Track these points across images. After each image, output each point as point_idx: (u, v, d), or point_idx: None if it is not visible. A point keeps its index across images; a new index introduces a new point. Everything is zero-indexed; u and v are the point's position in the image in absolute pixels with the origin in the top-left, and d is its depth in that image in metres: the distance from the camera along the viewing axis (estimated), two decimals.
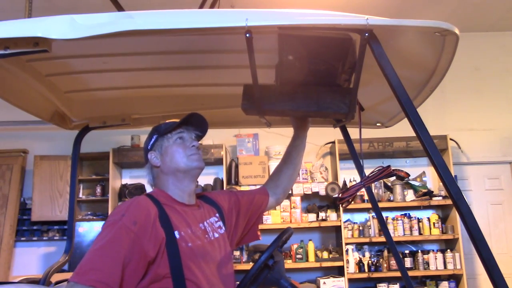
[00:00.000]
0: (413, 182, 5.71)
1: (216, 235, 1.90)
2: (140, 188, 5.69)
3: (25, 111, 2.29)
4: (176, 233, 1.71)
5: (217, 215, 2.00)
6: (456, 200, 1.41)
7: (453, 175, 1.90)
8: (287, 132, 6.10)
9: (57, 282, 2.37)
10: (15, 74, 1.98)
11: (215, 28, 1.55)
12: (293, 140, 2.31)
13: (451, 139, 5.71)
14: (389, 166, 1.87)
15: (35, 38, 1.49)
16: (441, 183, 5.60)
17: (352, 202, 5.55)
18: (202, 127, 2.00)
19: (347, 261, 5.34)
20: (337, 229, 5.61)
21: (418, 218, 5.60)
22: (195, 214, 1.88)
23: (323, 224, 5.47)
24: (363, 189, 2.09)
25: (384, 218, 4.95)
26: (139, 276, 1.60)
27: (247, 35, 1.53)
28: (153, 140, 1.92)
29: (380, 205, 5.30)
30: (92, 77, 2.24)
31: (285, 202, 5.50)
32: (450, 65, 1.74)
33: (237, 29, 1.52)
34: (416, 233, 5.50)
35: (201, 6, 4.05)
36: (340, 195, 1.99)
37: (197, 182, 2.03)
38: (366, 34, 1.54)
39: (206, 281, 1.73)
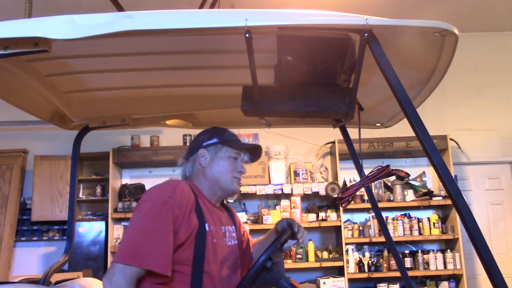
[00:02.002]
0: (413, 182, 5.71)
1: (231, 242, 1.96)
2: (140, 188, 5.69)
3: (25, 111, 2.29)
4: (206, 225, 1.78)
5: (233, 227, 2.05)
6: (455, 200, 1.41)
7: (453, 175, 1.90)
8: (287, 132, 6.11)
9: (57, 282, 2.37)
10: (15, 74, 1.98)
11: (215, 28, 1.55)
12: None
13: (451, 139, 5.70)
14: (388, 166, 1.87)
15: (35, 38, 1.49)
16: (441, 183, 5.59)
17: (352, 202, 5.56)
18: (254, 159, 2.07)
19: (347, 261, 5.34)
20: (337, 229, 5.61)
21: (418, 218, 5.59)
22: (220, 216, 1.95)
23: (323, 224, 5.47)
24: (364, 189, 2.09)
25: (384, 218, 4.95)
26: None
27: (247, 35, 1.53)
28: (212, 141, 1.95)
29: (380, 205, 5.30)
30: (92, 77, 2.25)
31: (285, 202, 5.50)
32: (449, 65, 1.75)
33: (237, 29, 1.52)
34: (416, 233, 5.50)
35: (201, 6, 4.05)
36: (339, 195, 1.99)
37: None
38: (366, 34, 1.54)
39: (219, 279, 1.79)
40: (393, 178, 5.73)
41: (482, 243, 1.36)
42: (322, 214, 5.51)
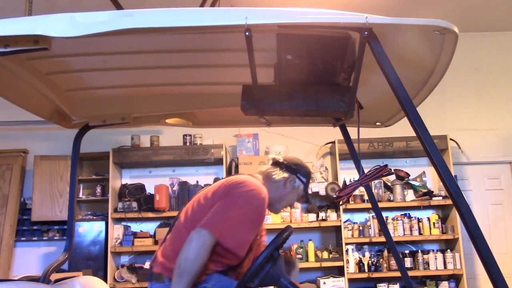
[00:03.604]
0: (413, 182, 5.71)
1: None
2: (140, 188, 5.68)
3: (25, 109, 2.29)
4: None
5: None
6: (455, 199, 1.41)
7: (453, 175, 1.91)
8: (287, 132, 6.10)
9: (57, 280, 2.37)
10: (15, 72, 1.98)
11: (215, 27, 1.55)
12: None
13: (451, 139, 5.70)
14: (386, 165, 1.88)
15: (35, 36, 1.49)
16: (441, 183, 5.59)
17: (352, 202, 5.53)
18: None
19: (347, 261, 5.33)
20: (337, 229, 5.61)
21: (418, 218, 5.58)
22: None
23: (323, 224, 5.47)
24: (364, 189, 2.10)
25: (384, 218, 4.95)
26: None
27: (247, 33, 1.53)
28: (302, 179, 2.31)
29: (380, 205, 5.29)
30: (92, 76, 2.25)
31: None
32: (449, 63, 1.75)
33: (237, 27, 1.52)
34: (416, 233, 5.49)
35: (202, 5, 4.06)
36: (337, 193, 2.01)
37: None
38: (366, 33, 1.55)
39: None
40: (393, 178, 5.72)
41: (481, 241, 1.36)
42: (322, 214, 5.51)
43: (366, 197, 5.49)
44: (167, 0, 3.64)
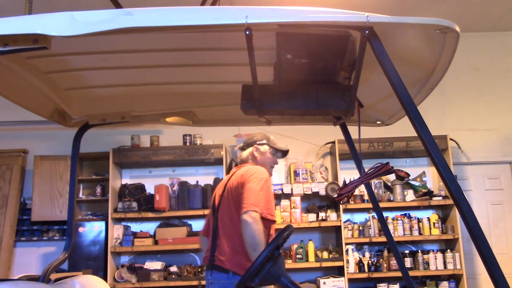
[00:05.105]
0: (413, 182, 5.70)
1: None
2: (140, 188, 5.68)
3: (25, 108, 2.29)
4: None
5: None
6: (456, 198, 1.41)
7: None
8: (287, 132, 6.10)
9: (57, 280, 2.37)
10: (15, 71, 1.98)
11: (215, 25, 1.55)
12: None
13: (451, 139, 5.69)
14: (387, 163, 1.87)
15: (34, 35, 1.49)
16: (441, 183, 5.59)
17: (352, 202, 5.51)
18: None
19: (347, 261, 5.33)
20: (337, 229, 5.60)
21: (418, 218, 5.58)
22: None
23: (323, 224, 5.46)
24: (364, 189, 2.10)
25: (384, 218, 4.94)
26: None
27: (247, 32, 1.53)
28: (261, 142, 3.15)
29: (380, 205, 5.26)
30: (92, 74, 2.24)
31: (285, 202, 5.49)
32: (450, 62, 1.74)
33: (237, 26, 1.52)
34: (416, 233, 5.49)
35: (202, 4, 4.06)
36: (338, 191, 2.01)
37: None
38: (367, 32, 1.54)
39: None
40: (393, 178, 5.72)
41: (482, 240, 1.36)
42: (322, 214, 5.50)
43: (366, 197, 5.49)
44: None
